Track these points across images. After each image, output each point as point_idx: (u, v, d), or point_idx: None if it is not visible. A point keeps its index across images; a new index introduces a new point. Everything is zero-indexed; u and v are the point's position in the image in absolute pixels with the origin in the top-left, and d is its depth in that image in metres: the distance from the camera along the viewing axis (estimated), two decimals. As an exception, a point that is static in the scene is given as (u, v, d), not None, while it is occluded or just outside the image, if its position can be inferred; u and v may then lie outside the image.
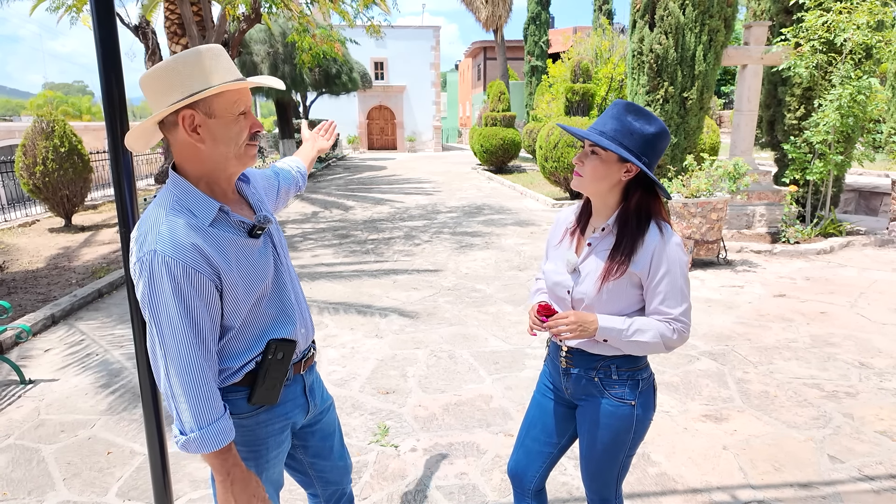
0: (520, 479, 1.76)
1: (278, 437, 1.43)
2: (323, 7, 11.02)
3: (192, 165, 1.26)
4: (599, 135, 1.46)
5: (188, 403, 1.19)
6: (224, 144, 1.24)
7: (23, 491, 2.56)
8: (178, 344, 1.18)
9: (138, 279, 1.18)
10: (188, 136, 1.21)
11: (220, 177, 1.29)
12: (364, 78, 24.36)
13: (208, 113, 1.21)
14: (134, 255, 1.20)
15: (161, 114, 1.20)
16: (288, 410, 1.43)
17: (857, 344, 4.07)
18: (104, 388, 3.55)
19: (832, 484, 2.51)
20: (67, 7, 10.83)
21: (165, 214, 1.20)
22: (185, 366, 1.19)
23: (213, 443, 1.21)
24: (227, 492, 1.26)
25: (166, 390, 1.21)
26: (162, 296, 1.16)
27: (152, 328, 1.20)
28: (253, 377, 1.33)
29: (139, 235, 1.21)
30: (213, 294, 1.22)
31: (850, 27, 6.50)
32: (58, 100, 56.19)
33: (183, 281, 1.16)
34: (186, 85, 1.18)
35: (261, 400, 1.34)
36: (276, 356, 1.33)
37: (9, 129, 17.61)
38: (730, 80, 26.48)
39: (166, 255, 1.15)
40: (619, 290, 1.49)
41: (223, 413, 1.24)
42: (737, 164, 6.16)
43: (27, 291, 5.52)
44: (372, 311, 4.94)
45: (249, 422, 1.36)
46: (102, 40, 1.51)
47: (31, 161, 8.33)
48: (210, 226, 1.23)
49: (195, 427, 1.20)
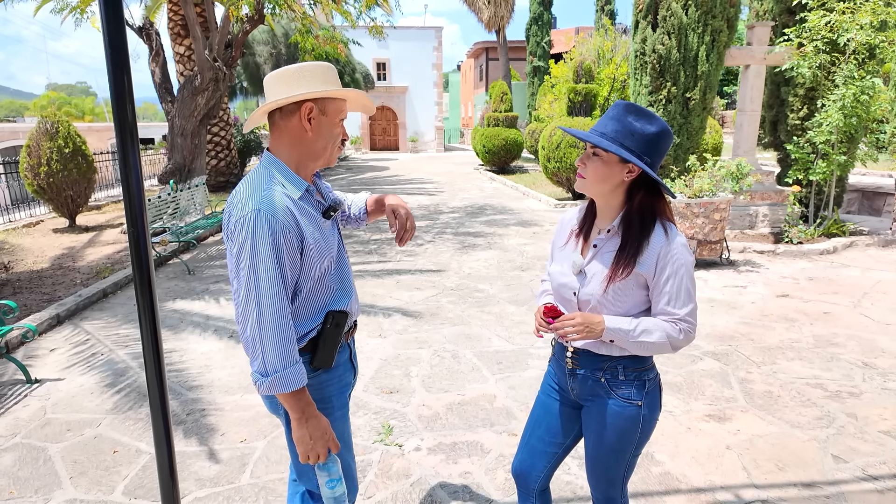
0: (524, 479, 1.77)
1: (341, 398, 1.63)
2: (325, 8, 11.04)
3: (291, 149, 1.48)
4: (600, 136, 1.46)
5: (276, 344, 1.37)
6: (324, 139, 1.49)
7: (30, 489, 2.57)
8: (272, 290, 1.36)
9: (239, 233, 1.37)
10: (301, 123, 1.45)
11: (308, 164, 1.51)
12: (366, 78, 24.40)
13: (323, 111, 1.47)
14: (235, 214, 1.39)
15: (293, 98, 1.41)
16: (342, 373, 1.64)
17: (860, 344, 4.07)
18: (110, 387, 3.57)
19: (836, 484, 2.51)
20: (72, 8, 10.86)
21: (266, 183, 1.42)
22: (276, 310, 1.37)
23: (296, 381, 1.39)
24: (303, 427, 1.44)
25: (254, 335, 1.37)
26: (263, 248, 1.35)
27: (250, 277, 1.36)
28: (314, 343, 1.53)
29: (240, 199, 1.40)
30: (297, 254, 1.42)
31: (853, 27, 6.49)
32: (61, 101, 56.40)
33: (280, 237, 1.36)
34: (315, 84, 1.44)
35: (320, 363, 1.54)
36: (332, 324, 1.53)
37: (13, 129, 17.68)
38: (732, 81, 26.44)
39: (268, 214, 1.35)
40: (625, 291, 1.50)
41: (300, 358, 1.44)
42: (740, 164, 6.16)
43: (32, 291, 5.54)
44: (375, 311, 4.95)
45: (314, 381, 1.54)
46: (111, 41, 1.52)
47: (36, 162, 8.36)
48: (299, 199, 1.46)
49: (280, 367, 1.37)
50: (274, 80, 1.46)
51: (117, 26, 1.53)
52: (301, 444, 1.45)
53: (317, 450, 1.46)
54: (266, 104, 1.47)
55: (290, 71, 1.45)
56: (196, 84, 8.98)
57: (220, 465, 2.73)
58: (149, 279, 1.66)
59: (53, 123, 8.52)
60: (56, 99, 53.87)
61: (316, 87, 1.44)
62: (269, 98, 1.46)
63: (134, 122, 1.59)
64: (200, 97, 9.07)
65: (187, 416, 3.19)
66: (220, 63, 9.07)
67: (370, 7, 11.01)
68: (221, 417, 3.17)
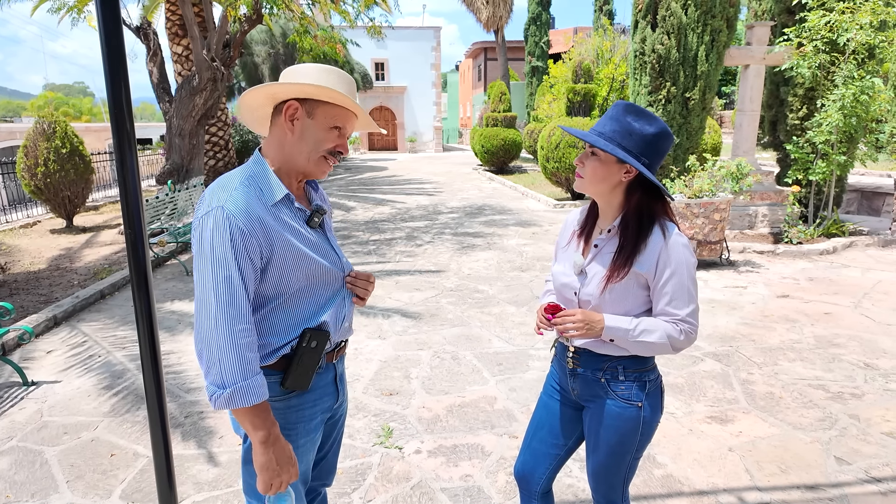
0: (527, 481, 1.76)
1: (308, 425, 1.45)
2: (324, 8, 11.01)
3: (275, 151, 1.39)
4: (598, 136, 1.46)
5: (235, 353, 1.23)
6: (306, 144, 1.36)
7: (26, 493, 2.54)
8: (231, 294, 1.24)
9: (197, 229, 1.28)
10: (283, 122, 1.35)
11: (291, 169, 1.40)
12: (365, 79, 24.38)
13: (310, 113, 1.35)
14: (201, 210, 1.29)
15: (277, 88, 1.33)
16: (318, 397, 1.47)
17: (861, 345, 4.05)
18: (107, 389, 3.54)
19: (839, 486, 2.50)
20: (69, 8, 10.82)
21: (239, 183, 1.31)
22: (234, 315, 1.24)
23: (257, 394, 1.24)
24: (268, 451, 1.28)
25: (209, 342, 1.23)
26: (220, 248, 1.24)
27: (208, 277, 1.25)
28: (287, 362, 1.38)
29: (210, 193, 1.31)
30: (258, 260, 1.30)
31: (853, 27, 6.49)
32: (58, 101, 56.24)
33: (239, 238, 1.25)
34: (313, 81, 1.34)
35: (293, 385, 1.38)
36: (309, 344, 1.37)
37: (10, 130, 17.61)
38: (731, 81, 26.45)
39: (231, 214, 1.25)
40: (625, 291, 1.49)
41: (260, 370, 1.28)
42: (739, 164, 6.15)
43: (29, 293, 5.51)
44: (374, 312, 4.93)
45: (281, 405, 1.39)
46: (108, 41, 1.50)
47: (33, 162, 8.32)
48: (273, 206, 1.33)
49: (240, 378, 1.22)
50: (284, 77, 1.39)
51: (114, 25, 1.51)
52: (265, 470, 1.28)
53: (281, 478, 1.29)
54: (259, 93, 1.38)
55: (302, 69, 1.37)
56: (194, 84, 8.94)
57: (218, 468, 2.71)
58: (146, 281, 1.63)
59: (50, 124, 8.48)
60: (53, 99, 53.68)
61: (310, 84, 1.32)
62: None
63: (131, 123, 1.57)
64: (198, 97, 9.03)
65: (185, 419, 3.16)
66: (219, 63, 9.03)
67: (369, 7, 10.99)
68: (220, 420, 3.14)
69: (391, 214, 10.38)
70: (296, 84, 1.32)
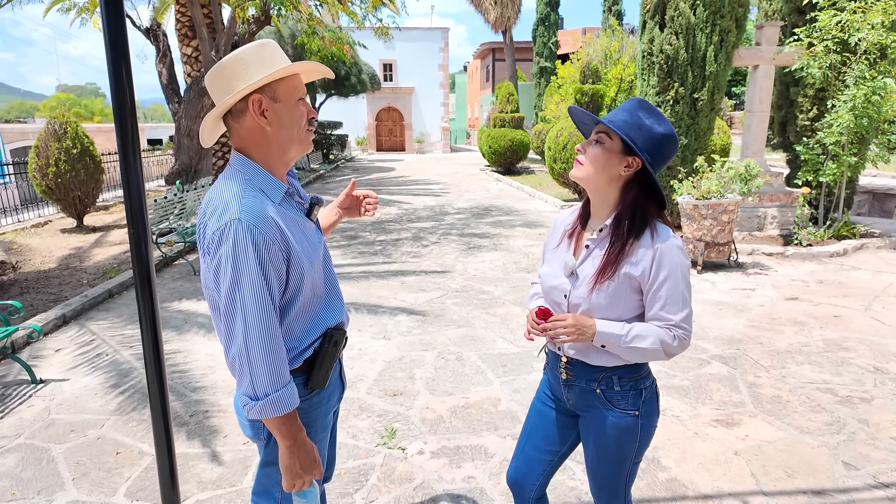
0: (520, 488, 1.73)
1: (325, 420, 1.51)
2: (332, 9, 11.05)
3: (257, 150, 1.33)
4: (608, 123, 1.44)
5: (267, 366, 1.24)
6: (288, 128, 1.33)
7: (32, 490, 2.57)
8: (259, 308, 1.23)
9: (217, 245, 1.23)
10: (257, 120, 1.29)
11: (279, 161, 1.36)
12: (373, 79, 24.43)
13: (273, 97, 1.30)
14: (212, 225, 1.24)
15: (233, 98, 1.27)
16: (331, 392, 1.52)
17: (871, 348, 4.00)
18: (114, 388, 3.57)
19: (847, 491, 2.47)
20: (80, 9, 10.94)
21: (243, 189, 1.27)
22: (265, 329, 1.24)
23: (288, 404, 1.27)
24: (294, 455, 1.32)
25: (241, 355, 1.24)
26: (245, 261, 1.21)
27: (234, 293, 1.23)
28: (310, 363, 1.41)
29: (217, 206, 1.26)
30: (283, 266, 1.29)
31: (864, 27, 6.42)
32: (70, 101, 56.87)
33: (264, 249, 1.23)
34: (253, 73, 1.27)
35: (316, 384, 1.42)
36: (331, 344, 1.42)
37: (23, 130, 17.82)
38: (740, 81, 26.27)
39: (251, 224, 1.22)
40: (617, 295, 1.45)
41: (291, 378, 1.30)
42: (748, 165, 6.10)
43: (39, 291, 5.57)
44: (380, 312, 4.93)
45: (304, 405, 1.42)
46: (112, 41, 1.51)
47: (44, 162, 8.42)
48: (279, 204, 1.32)
49: (271, 389, 1.24)
50: (213, 82, 1.31)
51: (118, 26, 1.52)
52: (290, 472, 1.33)
53: (304, 478, 1.35)
54: (210, 114, 1.33)
55: (225, 66, 1.29)
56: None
57: (222, 467, 2.72)
58: (149, 280, 1.64)
59: (61, 124, 8.58)
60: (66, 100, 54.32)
61: (254, 76, 1.26)
62: (216, 102, 1.32)
63: (135, 123, 1.58)
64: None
65: (190, 418, 3.18)
66: (227, 64, 9.09)
67: (377, 7, 11.02)
68: (225, 419, 3.16)
69: (398, 215, 10.39)
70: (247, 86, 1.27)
